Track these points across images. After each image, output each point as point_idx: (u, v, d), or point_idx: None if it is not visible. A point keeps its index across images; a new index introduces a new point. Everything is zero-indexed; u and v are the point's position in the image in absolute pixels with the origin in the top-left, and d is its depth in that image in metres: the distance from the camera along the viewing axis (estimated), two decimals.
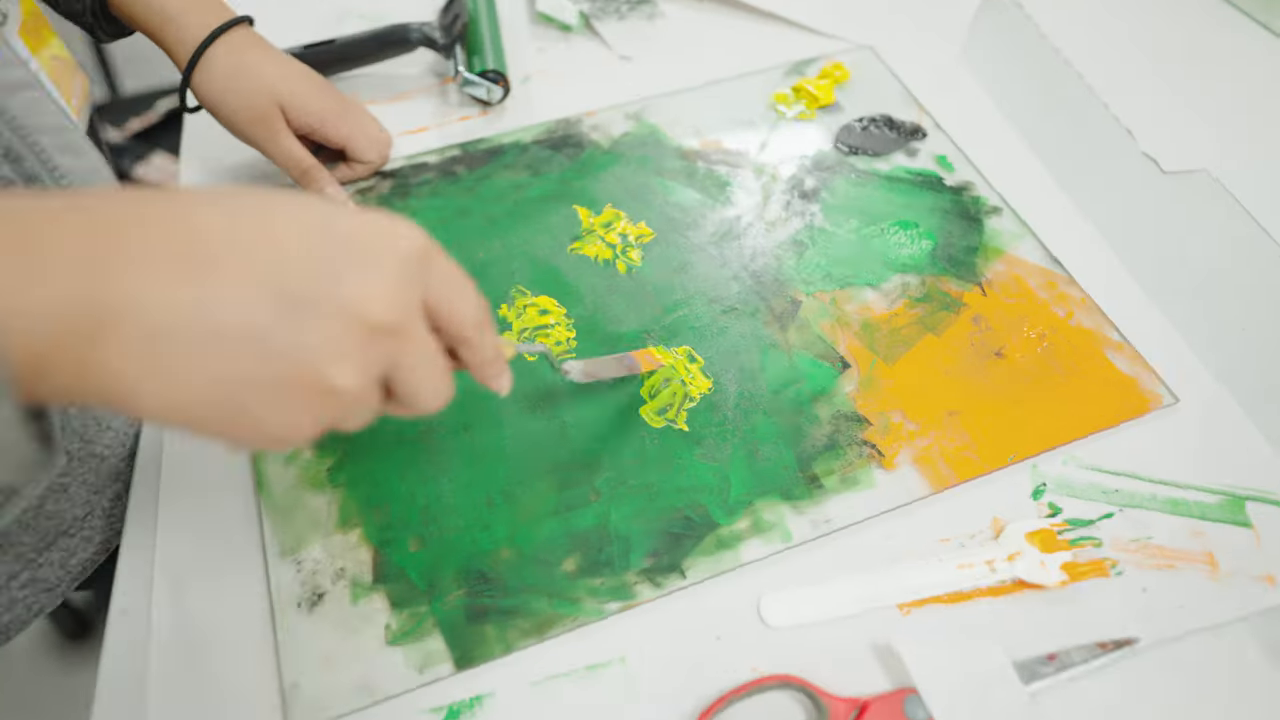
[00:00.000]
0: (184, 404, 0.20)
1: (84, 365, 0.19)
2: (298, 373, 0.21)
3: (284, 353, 0.21)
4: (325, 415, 0.22)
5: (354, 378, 0.22)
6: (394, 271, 0.22)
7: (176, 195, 0.21)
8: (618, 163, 0.51)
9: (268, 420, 0.21)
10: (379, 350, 0.22)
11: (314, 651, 0.34)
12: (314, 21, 0.59)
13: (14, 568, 0.35)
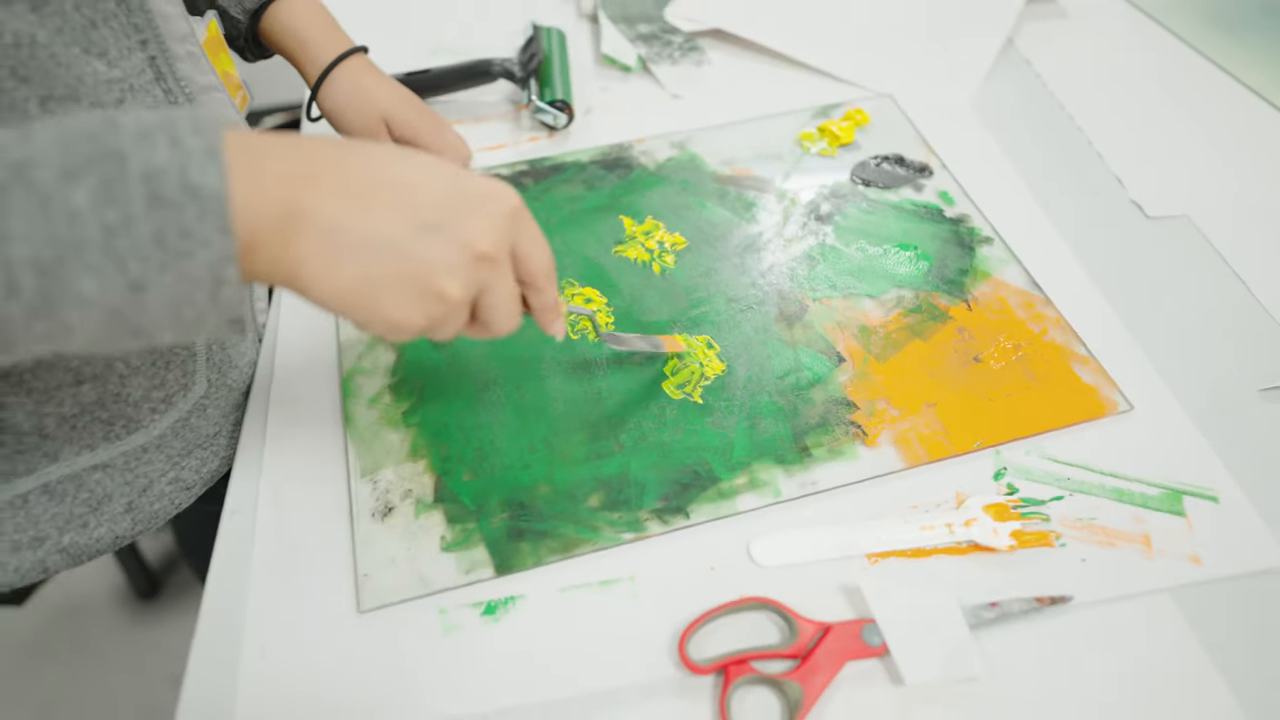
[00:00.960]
0: (339, 290, 0.29)
1: (279, 253, 0.28)
2: (420, 277, 0.29)
3: (413, 261, 0.29)
4: (431, 315, 0.30)
5: (458, 289, 0.30)
6: (498, 218, 0.31)
7: (361, 145, 0.31)
8: (661, 183, 0.60)
9: (391, 310, 0.30)
10: (479, 273, 0.31)
11: (382, 551, 0.42)
12: (415, 54, 0.70)
13: (164, 467, 0.44)
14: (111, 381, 0.41)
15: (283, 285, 0.29)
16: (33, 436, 0.40)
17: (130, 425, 0.42)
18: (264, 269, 0.28)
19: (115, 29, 0.37)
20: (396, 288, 0.29)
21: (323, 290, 0.29)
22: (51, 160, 0.25)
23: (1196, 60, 0.71)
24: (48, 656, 1.12)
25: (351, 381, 0.49)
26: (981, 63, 0.69)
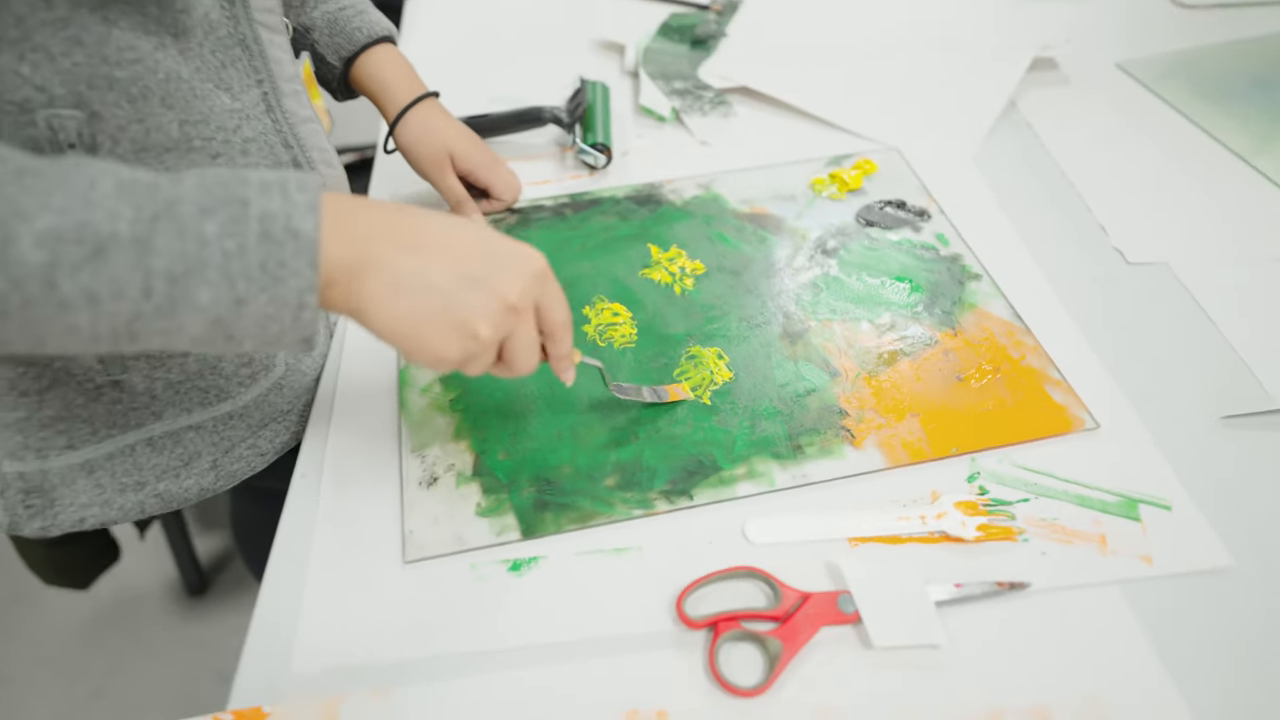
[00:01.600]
0: (394, 325, 0.37)
1: (349, 292, 0.36)
2: (459, 319, 0.37)
3: (455, 306, 0.37)
4: (465, 351, 0.38)
5: (489, 331, 0.38)
6: (527, 277, 0.39)
7: (422, 211, 0.39)
8: (686, 217, 0.67)
9: (434, 344, 0.37)
10: (507, 320, 0.38)
11: (426, 513, 0.48)
12: (477, 100, 0.79)
13: (244, 434, 0.52)
14: (211, 357, 0.49)
15: (350, 316, 0.37)
16: (144, 397, 0.48)
17: (221, 395, 0.50)
18: (338, 301, 0.36)
19: (239, 69, 0.46)
20: (440, 326, 0.37)
21: (381, 323, 0.37)
22: (194, 199, 0.33)
23: (1186, 126, 0.77)
24: (101, 643, 1.20)
25: (407, 373, 0.56)
26: (984, 122, 0.75)
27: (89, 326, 0.32)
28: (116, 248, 0.31)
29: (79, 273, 0.31)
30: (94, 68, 0.39)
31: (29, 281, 0.31)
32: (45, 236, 0.30)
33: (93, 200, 0.31)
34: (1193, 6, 0.93)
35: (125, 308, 0.32)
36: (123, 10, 0.39)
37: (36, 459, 0.47)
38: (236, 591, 1.25)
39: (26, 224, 0.30)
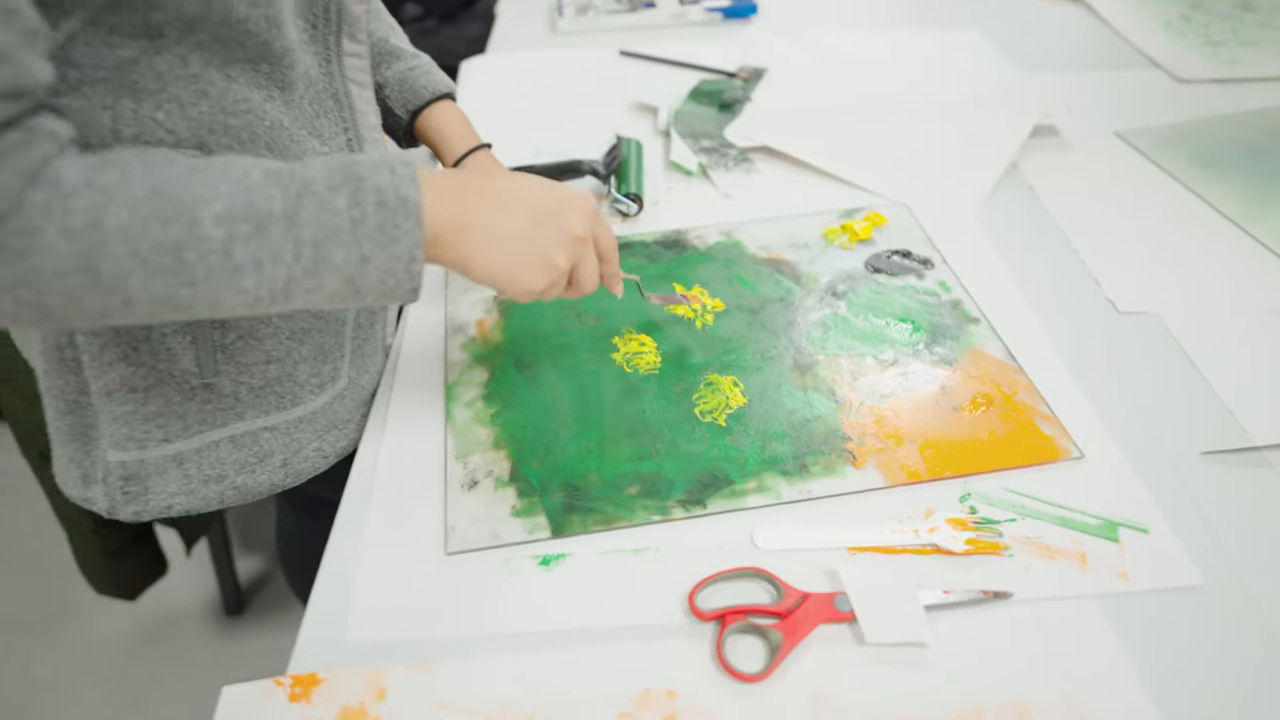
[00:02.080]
0: (490, 270, 0.46)
1: (452, 246, 0.45)
2: (540, 255, 0.47)
3: (536, 245, 0.47)
4: (548, 280, 0.48)
5: (564, 261, 0.48)
6: (585, 213, 0.49)
7: (496, 176, 0.48)
8: (709, 261, 0.74)
9: (524, 279, 0.47)
10: (576, 250, 0.48)
11: (467, 512, 0.54)
12: (524, 153, 0.87)
13: (311, 437, 0.59)
14: (289, 365, 0.55)
15: (453, 267, 0.47)
16: (230, 399, 0.54)
17: (294, 400, 0.57)
18: (443, 255, 0.46)
19: (330, 119, 0.54)
20: (528, 264, 0.47)
21: (481, 270, 0.47)
22: (323, 179, 0.41)
23: (1180, 191, 0.83)
24: (141, 656, 1.25)
25: (453, 389, 0.62)
26: (986, 181, 0.82)
27: (254, 288, 0.41)
28: (273, 222, 0.40)
29: (248, 244, 0.40)
30: (214, 116, 0.47)
31: (211, 254, 0.39)
32: (221, 217, 0.39)
33: (250, 185, 0.40)
34: (1190, 81, 0.99)
35: (282, 270, 0.41)
36: (242, 68, 0.47)
37: (137, 449, 0.54)
38: (272, 613, 1.30)
39: (207, 207, 0.39)
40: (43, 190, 0.36)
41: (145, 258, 0.38)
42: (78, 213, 0.37)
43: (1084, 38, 1.10)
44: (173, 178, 0.39)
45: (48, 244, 0.36)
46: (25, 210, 0.36)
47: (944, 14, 1.15)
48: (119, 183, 0.38)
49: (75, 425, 0.54)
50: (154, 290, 0.39)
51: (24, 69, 0.36)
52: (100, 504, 0.55)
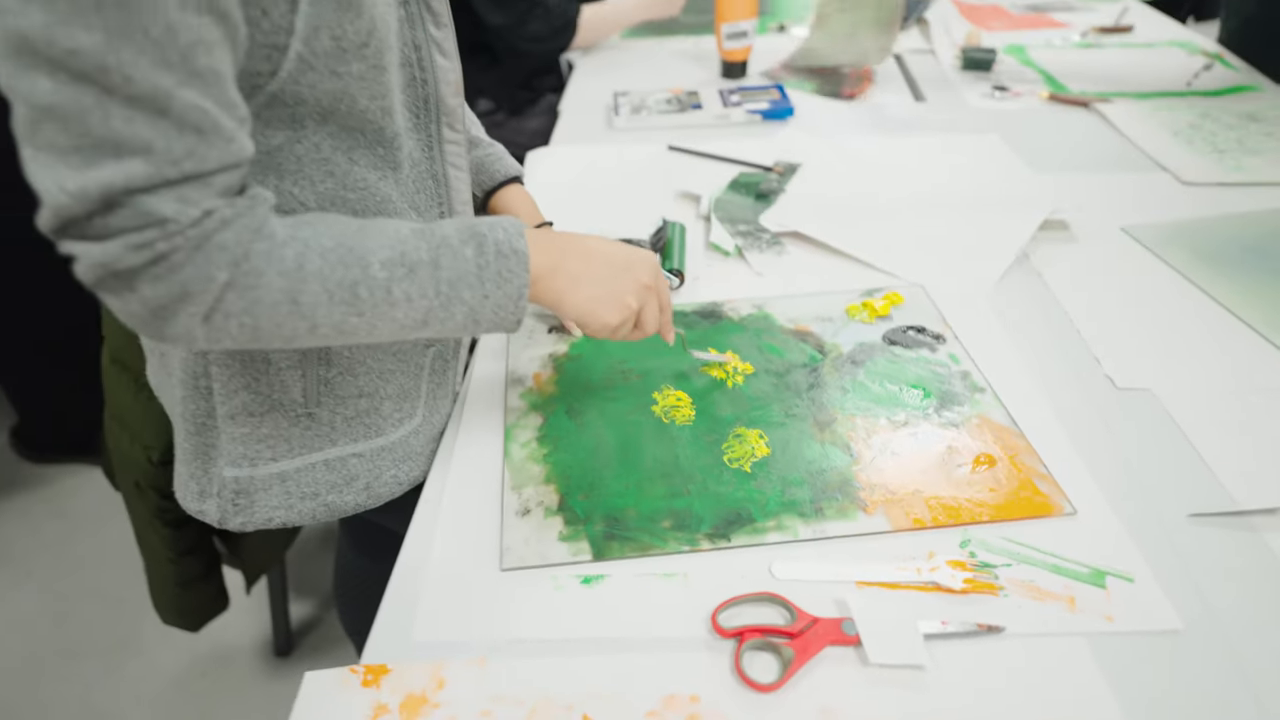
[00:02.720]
0: (577, 307, 0.58)
1: (548, 288, 0.58)
2: (618, 298, 0.58)
3: (614, 291, 0.58)
4: (621, 318, 0.60)
5: (635, 302, 0.59)
6: (651, 267, 0.61)
7: (581, 236, 0.60)
8: (741, 330, 0.82)
9: (604, 316, 0.58)
10: (644, 295, 0.60)
11: (520, 535, 0.62)
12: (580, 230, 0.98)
13: (389, 464, 0.67)
14: (375, 400, 0.65)
15: (546, 304, 0.59)
16: (327, 427, 0.64)
17: (378, 432, 0.66)
18: (541, 294, 0.58)
19: (427, 195, 0.65)
20: (606, 302, 0.59)
21: (569, 306, 0.59)
22: (455, 235, 0.54)
23: (1181, 282, 0.89)
24: (194, 690, 1.32)
25: (511, 431, 0.71)
26: (998, 267, 0.90)
27: (403, 318, 0.53)
28: (421, 267, 0.52)
29: (403, 283, 0.52)
30: (337, 191, 0.58)
31: (377, 290, 0.51)
32: (385, 263, 0.51)
33: (403, 239, 0.53)
34: (1195, 184, 1.07)
35: (424, 304, 0.53)
36: (362, 153, 0.58)
37: (249, 467, 0.63)
38: (318, 657, 1.36)
39: (374, 256, 0.51)
40: (263, 242, 0.48)
41: (332, 292, 0.50)
42: (288, 259, 0.49)
43: (1096, 143, 1.19)
44: (348, 233, 0.51)
45: (268, 282, 0.48)
46: (252, 257, 0.48)
47: (966, 121, 1.26)
48: (313, 236, 0.50)
49: (200, 445, 0.63)
50: (334, 318, 0.51)
51: (244, 146, 0.48)
52: (213, 515, 0.64)
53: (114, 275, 0.45)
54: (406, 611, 0.57)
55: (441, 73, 0.64)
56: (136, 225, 0.44)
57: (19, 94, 0.41)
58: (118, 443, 0.97)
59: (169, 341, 0.49)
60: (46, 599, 1.46)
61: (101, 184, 0.42)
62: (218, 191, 0.46)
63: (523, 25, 1.45)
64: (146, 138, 0.42)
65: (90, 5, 0.39)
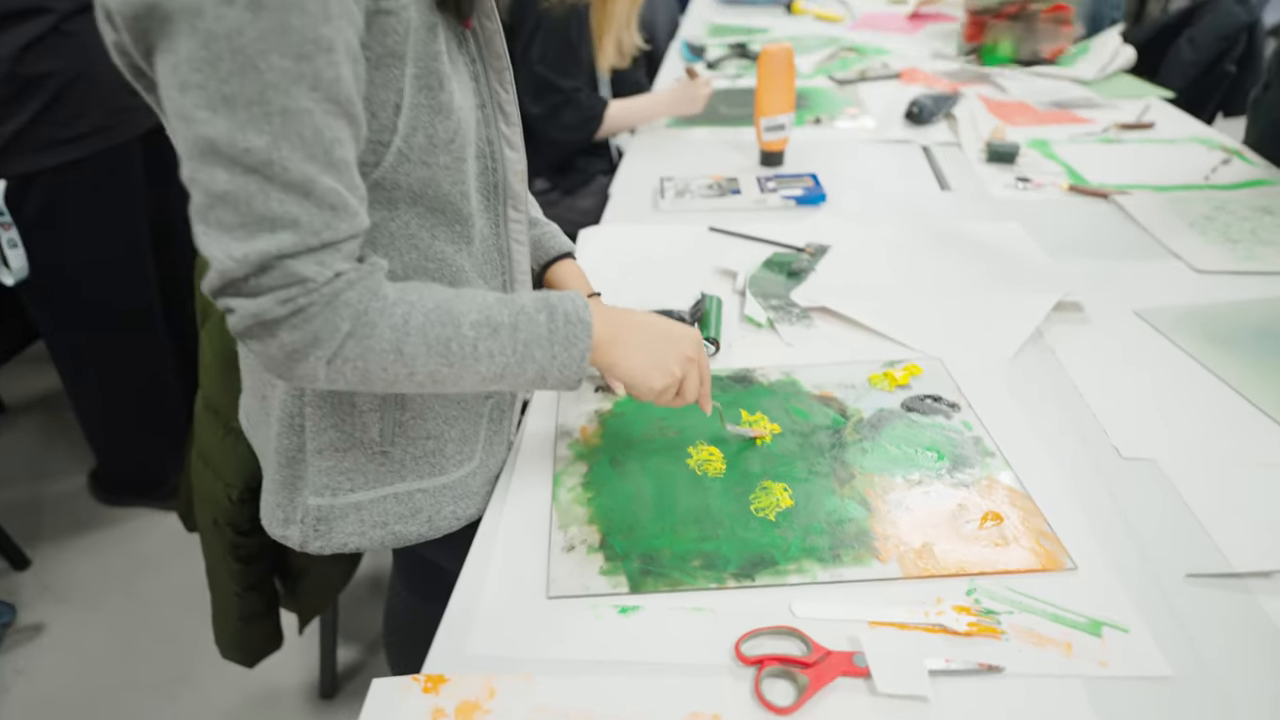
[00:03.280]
0: (629, 372, 0.68)
1: (605, 354, 0.67)
2: (664, 366, 0.68)
3: (662, 359, 0.67)
4: (665, 384, 0.69)
5: (679, 371, 0.69)
6: (695, 342, 0.71)
7: (633, 311, 0.70)
8: (770, 394, 0.90)
9: (651, 382, 0.68)
10: (687, 366, 0.69)
11: (565, 568, 0.69)
12: (626, 303, 1.07)
13: (449, 500, 0.76)
14: (441, 443, 0.73)
15: (601, 367, 0.68)
16: (398, 464, 0.73)
17: (441, 471, 0.74)
18: (599, 360, 0.68)
19: (493, 266, 0.75)
20: (655, 370, 0.69)
21: (622, 370, 0.68)
22: (531, 304, 0.64)
23: (1189, 363, 0.95)
24: None
25: (559, 477, 0.79)
26: (1013, 344, 0.96)
27: (485, 371, 0.63)
28: (503, 329, 0.62)
29: (488, 341, 0.62)
30: (419, 262, 0.68)
31: (466, 346, 0.61)
32: (474, 324, 0.61)
33: (488, 305, 0.63)
34: (1208, 272, 1.13)
35: (503, 360, 0.63)
36: (441, 230, 0.69)
37: (330, 496, 0.72)
38: (358, 701, 1.42)
39: (466, 318, 0.62)
40: (379, 301, 0.59)
41: (430, 346, 0.60)
42: (397, 315, 0.59)
43: (1113, 231, 1.26)
44: (445, 298, 0.62)
45: (379, 333, 0.58)
46: (370, 313, 0.58)
47: (989, 210, 1.34)
48: (418, 299, 0.61)
49: (289, 476, 0.72)
50: (430, 367, 0.61)
51: (364, 219, 0.58)
52: (295, 539, 0.73)
53: (261, 324, 0.55)
54: (463, 629, 0.65)
55: (509, 163, 0.74)
56: (284, 284, 0.54)
57: (199, 184, 0.52)
58: (201, 481, 1.07)
59: (295, 381, 0.59)
60: (111, 634, 1.54)
61: (260, 252, 0.53)
62: (345, 257, 0.57)
63: (555, 115, 1.61)
64: (295, 214, 0.53)
65: (261, 114, 0.50)
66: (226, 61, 0.49)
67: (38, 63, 1.33)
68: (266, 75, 0.50)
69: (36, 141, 1.37)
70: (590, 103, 1.64)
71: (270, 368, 0.58)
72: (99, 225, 1.52)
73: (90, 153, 1.42)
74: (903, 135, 1.64)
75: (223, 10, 0.49)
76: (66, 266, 1.51)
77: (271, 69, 0.50)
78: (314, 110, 0.52)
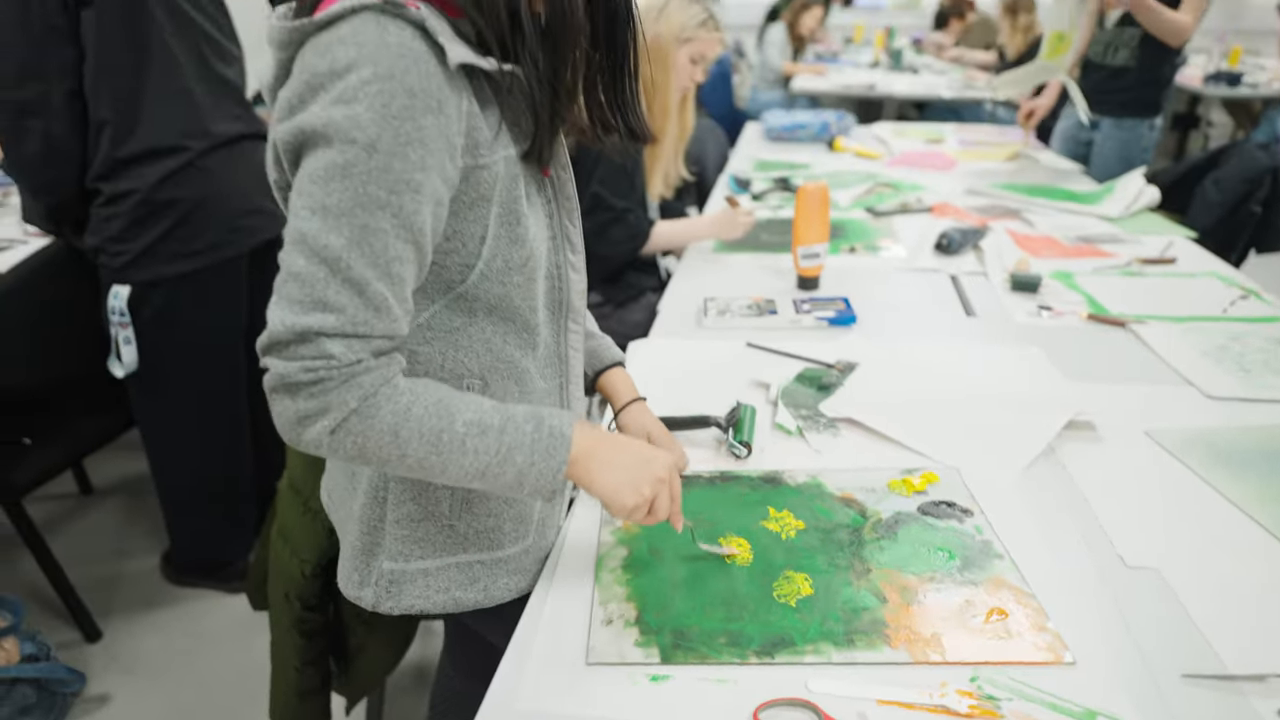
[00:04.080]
0: (603, 489, 0.74)
1: (582, 469, 0.74)
2: (635, 486, 0.75)
3: (634, 479, 0.75)
4: (637, 504, 0.75)
5: (649, 491, 0.75)
6: (667, 465, 0.77)
7: (614, 434, 0.78)
8: (796, 494, 0.98)
9: (623, 500, 0.75)
10: (657, 487, 0.76)
11: (603, 638, 0.77)
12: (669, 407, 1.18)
13: (502, 573, 0.85)
14: (499, 520, 0.84)
15: (577, 482, 0.75)
16: (461, 536, 0.83)
17: (498, 546, 0.84)
18: (576, 473, 0.74)
19: (552, 369, 0.87)
20: (627, 489, 0.75)
21: (596, 487, 0.75)
22: (521, 416, 0.72)
23: (1196, 482, 1.01)
24: None
25: (601, 559, 0.88)
26: (1026, 457, 1.04)
27: (470, 465, 0.71)
28: (490, 430, 0.71)
29: (475, 439, 0.70)
30: (491, 362, 0.80)
31: (455, 440, 0.70)
32: (466, 422, 0.70)
33: (483, 409, 0.72)
34: (1219, 398, 1.20)
35: (485, 459, 0.71)
36: (512, 337, 0.81)
37: (403, 562, 0.82)
38: None
39: (460, 415, 0.70)
40: (388, 388, 0.69)
41: (423, 434, 0.69)
42: (400, 403, 0.69)
43: (1129, 358, 1.34)
44: (445, 396, 0.71)
45: (381, 415, 0.68)
46: (377, 396, 0.68)
47: (1011, 334, 1.44)
48: (423, 393, 0.70)
49: (368, 543, 0.83)
50: (419, 453, 0.69)
51: (401, 328, 0.70)
52: (368, 600, 0.83)
53: (285, 386, 0.66)
54: (510, 689, 0.73)
55: (573, 284, 0.88)
56: (313, 356, 0.65)
57: (285, 263, 0.66)
58: (278, 556, 1.18)
59: (302, 446, 0.69)
60: (171, 707, 1.62)
61: (305, 325, 0.65)
62: (373, 351, 0.68)
63: (604, 232, 1.78)
64: (344, 304, 0.66)
65: (346, 224, 0.64)
66: (336, 182, 0.64)
67: (171, 191, 1.56)
68: (361, 198, 0.64)
69: (161, 255, 1.58)
70: (637, 222, 1.82)
71: (283, 429, 0.69)
72: (204, 327, 1.71)
73: (204, 265, 1.63)
74: (932, 264, 1.77)
75: (346, 146, 0.64)
76: (171, 362, 1.69)
77: (367, 194, 0.64)
78: (389, 232, 0.66)
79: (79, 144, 1.52)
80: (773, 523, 0.93)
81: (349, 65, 0.63)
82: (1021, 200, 2.21)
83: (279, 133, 0.67)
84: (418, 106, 0.64)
